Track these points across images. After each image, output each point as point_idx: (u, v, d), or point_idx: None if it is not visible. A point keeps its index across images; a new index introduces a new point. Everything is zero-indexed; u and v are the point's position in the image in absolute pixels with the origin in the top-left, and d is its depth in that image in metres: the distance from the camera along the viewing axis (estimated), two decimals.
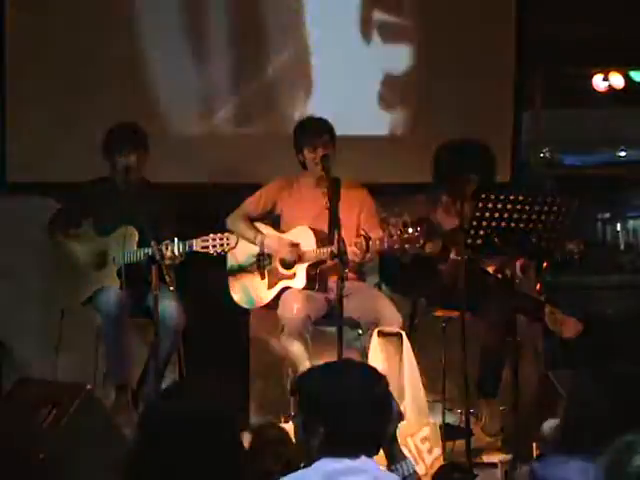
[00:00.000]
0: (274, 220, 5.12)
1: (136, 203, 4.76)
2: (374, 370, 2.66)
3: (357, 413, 2.48)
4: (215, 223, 4.99)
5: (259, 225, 5.08)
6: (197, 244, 4.62)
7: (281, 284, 4.94)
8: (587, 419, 2.56)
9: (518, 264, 4.78)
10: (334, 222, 4.71)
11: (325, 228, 4.92)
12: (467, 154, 5.02)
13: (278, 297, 4.92)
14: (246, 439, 2.64)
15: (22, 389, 4.44)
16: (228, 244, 4.60)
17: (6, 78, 5.62)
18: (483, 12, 5.99)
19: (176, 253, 4.56)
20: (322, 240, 4.90)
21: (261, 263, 5.00)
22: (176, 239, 4.58)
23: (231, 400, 2.30)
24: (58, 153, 5.58)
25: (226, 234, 4.63)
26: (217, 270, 5.05)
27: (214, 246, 4.60)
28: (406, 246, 4.54)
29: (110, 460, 3.84)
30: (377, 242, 4.64)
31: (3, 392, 5.03)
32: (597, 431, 2.48)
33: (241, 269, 5.04)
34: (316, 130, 4.92)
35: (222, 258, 4.95)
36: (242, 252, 4.99)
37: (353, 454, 2.45)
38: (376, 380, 2.59)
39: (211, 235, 4.62)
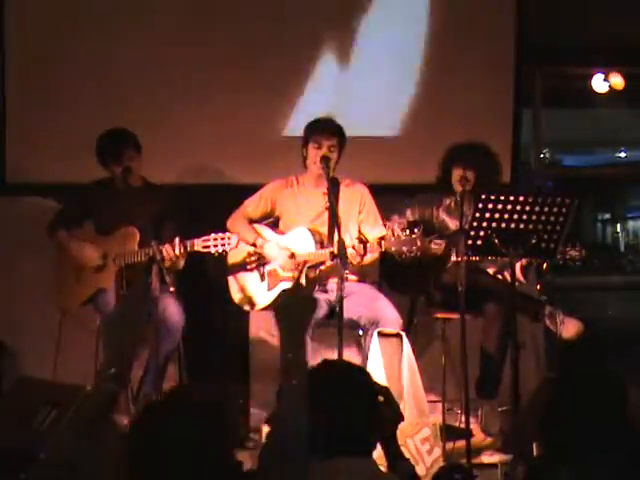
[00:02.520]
0: (273, 221, 5.12)
1: (137, 204, 4.77)
2: (361, 369, 2.67)
3: (348, 414, 2.49)
4: (215, 223, 4.99)
5: (258, 227, 5.08)
6: (198, 244, 4.63)
7: (281, 286, 4.94)
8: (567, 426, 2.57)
9: (518, 267, 4.78)
10: (334, 223, 4.71)
11: (325, 228, 4.93)
12: (464, 151, 5.04)
13: (278, 297, 4.92)
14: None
15: (22, 389, 4.44)
16: (229, 244, 4.61)
17: (6, 78, 5.62)
18: (483, 12, 6.00)
19: (177, 253, 4.57)
20: (321, 241, 4.90)
21: (259, 259, 5.00)
22: (177, 239, 4.59)
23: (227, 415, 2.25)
24: (57, 154, 5.58)
25: (227, 234, 4.65)
26: (217, 270, 5.05)
27: (215, 246, 4.61)
28: (403, 248, 4.54)
29: (109, 460, 3.84)
30: (374, 245, 4.64)
31: (3, 392, 5.03)
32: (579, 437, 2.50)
33: (240, 266, 5.04)
34: (326, 129, 4.93)
35: (222, 259, 4.95)
36: (240, 251, 4.99)
37: (350, 455, 2.45)
38: (364, 380, 2.60)
39: (212, 235, 4.63)
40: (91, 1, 5.72)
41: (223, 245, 4.61)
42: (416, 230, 4.53)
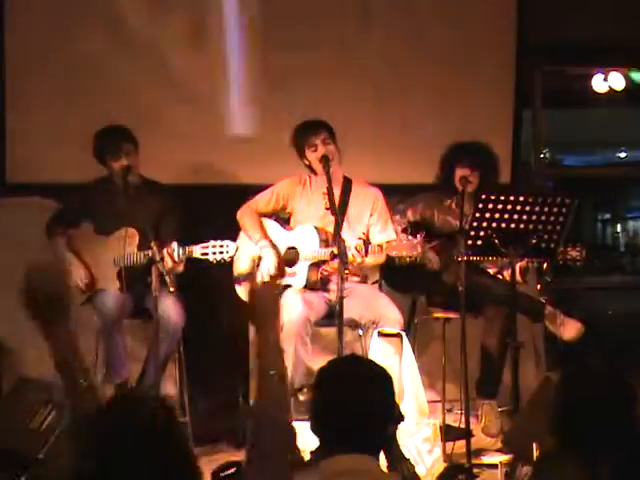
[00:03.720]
0: (284, 218, 5.11)
1: (136, 202, 4.77)
2: (380, 367, 2.66)
3: (362, 411, 2.48)
4: (214, 224, 4.99)
5: (266, 222, 5.07)
6: (197, 251, 4.63)
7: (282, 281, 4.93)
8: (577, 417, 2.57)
9: (518, 268, 4.77)
10: (338, 223, 4.71)
11: (332, 228, 4.91)
12: (468, 151, 5.04)
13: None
14: None
15: (22, 389, 4.44)
16: (228, 252, 4.61)
17: (6, 78, 5.62)
18: (484, 12, 5.99)
19: (176, 259, 4.57)
20: (326, 240, 4.90)
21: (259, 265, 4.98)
22: (176, 244, 4.59)
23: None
24: (58, 154, 5.57)
25: (226, 242, 4.64)
26: (217, 270, 5.04)
27: (214, 253, 4.61)
28: (404, 253, 4.54)
29: None
30: (376, 248, 4.64)
31: (3, 392, 5.03)
32: (586, 429, 2.50)
33: (247, 276, 5.03)
34: (313, 129, 4.93)
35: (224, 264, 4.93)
36: (245, 260, 4.99)
37: (355, 453, 2.45)
38: (383, 378, 2.59)
39: (211, 242, 4.62)
40: (91, 1, 5.72)
41: (222, 253, 4.61)
42: (418, 236, 4.52)
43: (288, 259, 4.94)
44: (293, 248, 4.94)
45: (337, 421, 2.47)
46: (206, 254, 4.62)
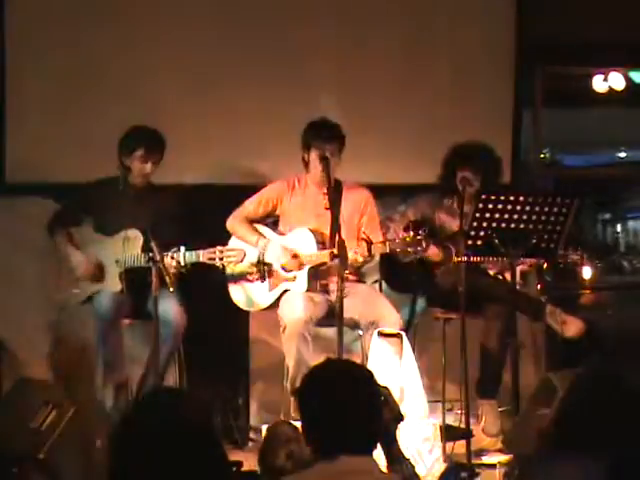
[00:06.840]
0: (274, 222, 5.11)
1: (140, 205, 4.77)
2: (364, 369, 2.68)
3: (351, 412, 2.49)
4: (216, 224, 4.99)
5: (258, 227, 5.07)
6: (204, 256, 4.64)
7: (282, 286, 4.93)
8: (582, 417, 2.57)
9: (518, 270, 4.77)
10: (335, 224, 4.71)
11: (326, 229, 4.92)
12: (469, 152, 5.04)
13: (279, 298, 4.92)
14: None
15: (22, 389, 4.44)
16: (235, 257, 4.63)
17: (6, 78, 5.61)
18: (483, 12, 6.00)
19: (182, 263, 4.58)
20: (322, 242, 4.90)
21: (261, 270, 4.97)
22: (182, 248, 4.59)
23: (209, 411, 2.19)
24: (58, 154, 5.57)
25: (232, 246, 4.65)
26: (217, 270, 5.05)
27: (221, 259, 4.62)
28: (408, 249, 4.54)
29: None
30: (379, 246, 4.64)
31: (3, 392, 5.03)
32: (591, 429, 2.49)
33: (240, 276, 5.03)
34: (329, 134, 4.90)
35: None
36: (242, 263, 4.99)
37: (352, 454, 2.45)
38: (367, 379, 2.61)
39: (218, 247, 4.64)
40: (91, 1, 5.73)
41: (229, 258, 4.64)
42: (421, 232, 4.53)
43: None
44: (296, 257, 4.92)
45: (326, 425, 2.47)
46: (213, 259, 4.64)
